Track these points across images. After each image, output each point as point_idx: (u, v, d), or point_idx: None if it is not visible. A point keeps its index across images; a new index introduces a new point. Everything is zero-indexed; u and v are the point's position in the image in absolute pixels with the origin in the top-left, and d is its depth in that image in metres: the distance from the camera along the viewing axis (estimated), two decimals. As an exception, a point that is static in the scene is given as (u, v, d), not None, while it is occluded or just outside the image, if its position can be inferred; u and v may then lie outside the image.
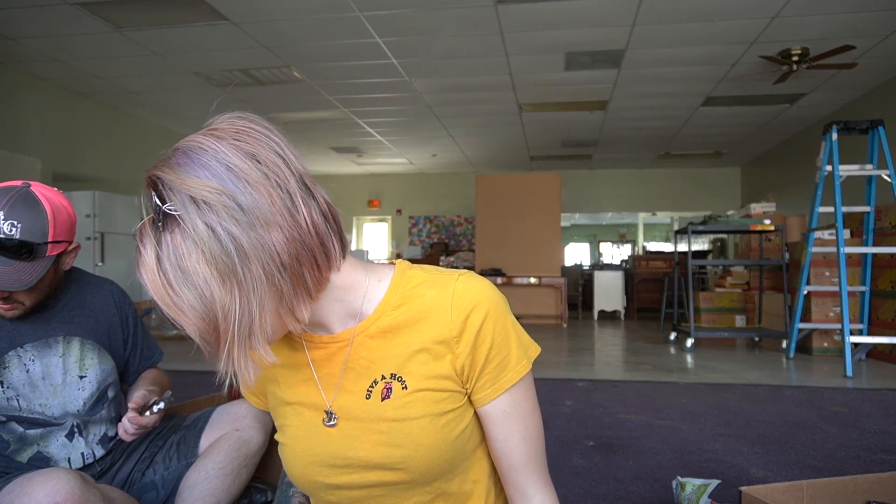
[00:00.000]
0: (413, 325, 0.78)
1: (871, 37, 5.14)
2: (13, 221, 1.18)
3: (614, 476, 2.07)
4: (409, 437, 0.76)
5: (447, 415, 0.77)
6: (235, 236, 0.62)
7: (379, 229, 12.76)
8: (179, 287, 0.62)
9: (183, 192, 0.62)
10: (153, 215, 0.63)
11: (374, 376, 0.78)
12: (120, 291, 1.49)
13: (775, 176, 9.47)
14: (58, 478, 1.01)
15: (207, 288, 0.62)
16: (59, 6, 4.57)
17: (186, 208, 0.61)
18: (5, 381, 1.25)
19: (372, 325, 0.78)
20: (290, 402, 0.83)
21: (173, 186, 0.62)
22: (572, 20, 4.85)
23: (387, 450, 0.76)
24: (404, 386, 0.77)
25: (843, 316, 4.28)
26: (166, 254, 0.62)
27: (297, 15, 4.77)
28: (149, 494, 1.40)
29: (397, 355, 0.78)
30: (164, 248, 0.62)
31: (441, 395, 0.77)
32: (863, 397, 3.46)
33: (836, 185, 4.47)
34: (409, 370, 0.77)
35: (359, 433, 0.77)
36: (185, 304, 0.63)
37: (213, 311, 0.63)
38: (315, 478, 0.80)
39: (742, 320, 6.25)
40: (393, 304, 0.79)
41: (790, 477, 2.06)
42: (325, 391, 0.80)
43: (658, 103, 7.19)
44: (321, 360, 0.80)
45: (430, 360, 0.77)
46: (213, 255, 0.61)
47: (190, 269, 0.62)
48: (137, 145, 7.81)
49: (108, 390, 1.40)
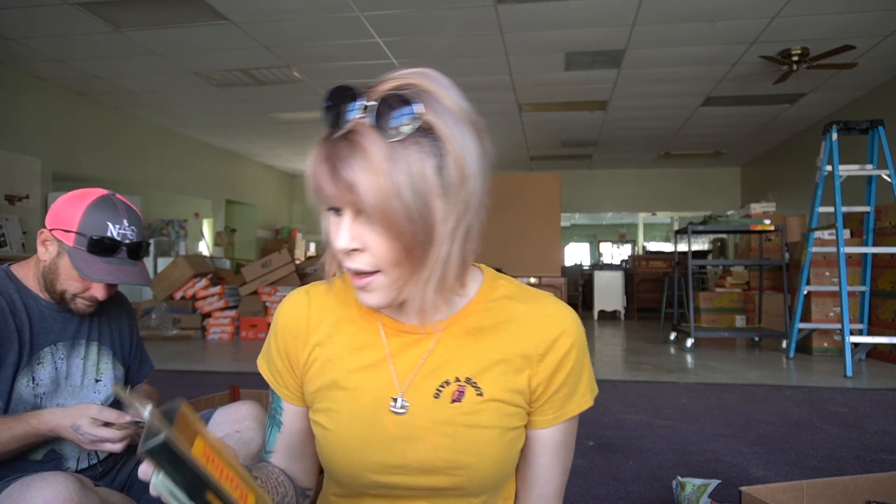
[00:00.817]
0: (498, 334, 0.76)
1: (871, 37, 5.14)
2: (133, 227, 1.30)
3: (614, 476, 2.07)
4: (476, 446, 0.74)
5: (513, 431, 0.76)
6: (472, 162, 0.65)
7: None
8: (406, 191, 0.61)
9: (443, 104, 0.64)
10: (397, 117, 0.62)
11: (446, 376, 0.75)
12: (129, 302, 1.54)
13: (775, 176, 9.46)
14: (56, 483, 1.00)
15: (432, 199, 0.63)
16: (59, 6, 4.57)
17: (442, 118, 0.63)
18: (36, 378, 1.26)
19: (457, 324, 0.76)
20: (345, 386, 0.77)
21: (434, 97, 0.64)
22: (572, 20, 4.85)
23: (449, 454, 0.74)
24: (479, 393, 0.75)
25: (843, 316, 4.28)
26: (403, 157, 0.62)
27: (297, 15, 4.77)
28: (149, 495, 1.40)
29: (477, 360, 0.75)
30: (399, 150, 0.62)
31: (511, 410, 0.76)
32: (863, 397, 3.46)
33: (836, 185, 4.47)
34: (487, 378, 0.75)
35: (420, 432, 0.74)
36: (402, 210, 0.62)
37: (428, 223, 0.63)
38: (360, 472, 0.75)
39: (742, 320, 6.25)
40: (481, 307, 0.77)
41: (790, 477, 2.06)
42: (399, 379, 0.76)
43: (658, 103, 7.18)
44: (397, 348, 0.77)
45: (510, 372, 0.76)
46: (450, 170, 0.63)
47: (425, 175, 0.62)
48: (137, 145, 7.81)
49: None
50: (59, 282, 1.27)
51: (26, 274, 1.31)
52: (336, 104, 0.65)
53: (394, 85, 0.65)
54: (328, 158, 0.63)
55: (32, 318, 1.27)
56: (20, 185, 5.96)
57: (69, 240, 1.24)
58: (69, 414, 1.21)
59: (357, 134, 0.62)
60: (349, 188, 0.61)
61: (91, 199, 1.28)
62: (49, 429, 1.20)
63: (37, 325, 1.28)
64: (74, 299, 1.29)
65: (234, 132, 8.73)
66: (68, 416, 1.21)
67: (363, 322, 0.79)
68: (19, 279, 1.30)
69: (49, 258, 1.27)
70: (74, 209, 1.26)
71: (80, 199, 1.28)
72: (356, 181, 0.61)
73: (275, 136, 8.97)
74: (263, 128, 8.39)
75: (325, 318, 0.81)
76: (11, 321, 1.23)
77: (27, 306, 1.27)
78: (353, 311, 0.80)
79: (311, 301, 0.82)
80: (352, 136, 0.62)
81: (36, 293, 1.30)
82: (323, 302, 0.82)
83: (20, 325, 1.24)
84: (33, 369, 1.26)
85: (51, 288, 1.28)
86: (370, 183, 0.61)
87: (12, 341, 1.22)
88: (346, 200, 0.63)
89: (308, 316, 0.81)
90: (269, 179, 11.53)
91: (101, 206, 1.28)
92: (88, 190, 1.32)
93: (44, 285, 1.29)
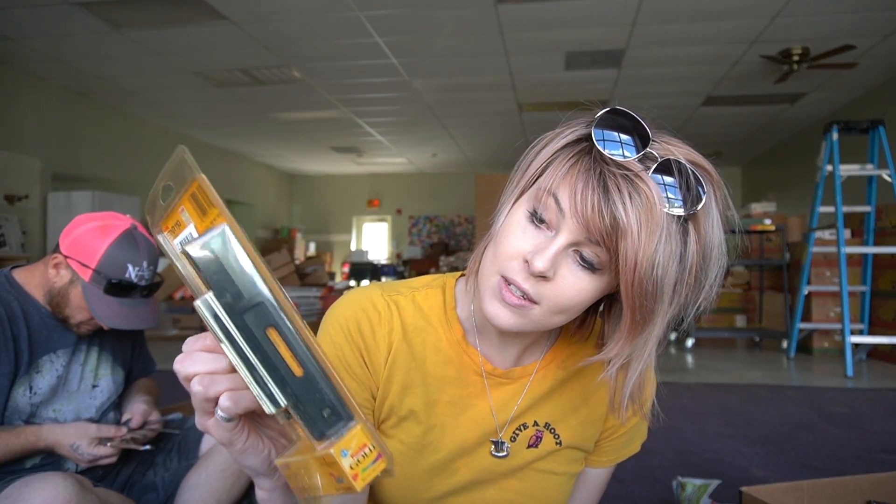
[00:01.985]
0: (580, 378, 0.74)
1: (871, 37, 5.14)
2: (152, 267, 1.29)
3: (614, 476, 2.06)
4: (545, 492, 0.72)
5: (576, 475, 0.76)
6: (701, 268, 0.59)
7: (379, 229, 12.75)
8: (659, 265, 0.55)
9: (716, 186, 0.60)
10: (685, 194, 0.56)
11: (524, 419, 0.72)
12: None
13: (775, 176, 9.46)
14: (55, 484, 1.00)
15: (667, 285, 0.56)
16: (59, 6, 4.56)
17: (708, 212, 0.58)
18: (34, 387, 1.24)
19: (544, 369, 0.73)
20: (428, 420, 0.71)
21: (712, 191, 0.59)
22: (572, 20, 4.84)
23: (516, 497, 0.72)
24: (558, 441, 0.73)
25: (843, 316, 4.27)
26: (667, 228, 0.55)
27: (297, 15, 4.76)
28: (149, 496, 1.40)
29: (557, 405, 0.73)
30: (667, 218, 0.55)
31: (580, 455, 0.75)
32: (863, 397, 3.46)
33: (836, 185, 4.46)
34: (566, 425, 0.73)
35: (488, 476, 0.71)
36: (648, 282, 0.55)
37: (679, 299, 0.57)
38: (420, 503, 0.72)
39: (742, 320, 6.24)
40: (565, 351, 0.74)
41: (790, 477, 2.06)
42: (498, 419, 0.71)
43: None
44: (492, 388, 0.71)
45: (589, 419, 0.74)
46: (688, 265, 0.57)
47: (673, 257, 0.56)
48: (137, 145, 7.81)
49: (116, 399, 1.42)
50: (68, 308, 1.26)
51: (28, 280, 1.28)
52: (625, 129, 0.58)
53: (686, 155, 0.58)
54: (604, 186, 0.54)
55: (32, 326, 1.25)
56: (20, 186, 5.96)
57: (86, 275, 1.22)
58: (69, 433, 1.21)
59: (645, 183, 0.54)
60: (612, 231, 0.54)
61: (114, 235, 1.25)
62: (46, 445, 1.20)
63: (36, 333, 1.25)
64: (79, 325, 1.28)
65: (233, 132, 8.72)
66: (68, 435, 1.20)
67: (450, 352, 0.71)
68: (20, 285, 1.27)
69: (60, 283, 1.24)
70: (96, 244, 1.23)
71: (103, 234, 1.25)
72: (627, 230, 0.53)
73: (274, 136, 8.97)
74: (263, 128, 8.38)
75: (414, 337, 0.71)
76: (8, 330, 1.20)
77: (27, 314, 1.25)
78: (440, 336, 0.72)
79: (392, 311, 0.72)
80: (638, 181, 0.54)
81: (37, 300, 1.27)
82: (409, 318, 0.72)
83: (17, 334, 1.22)
84: (31, 378, 1.24)
85: (57, 309, 1.26)
86: (639, 239, 0.53)
87: (8, 351, 1.19)
88: (592, 234, 0.56)
89: (391, 327, 0.71)
90: (269, 179, 11.53)
91: (123, 246, 1.25)
92: (111, 222, 1.27)
93: (48, 300, 1.26)
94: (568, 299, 0.58)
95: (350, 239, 12.52)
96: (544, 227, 0.59)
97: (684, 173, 0.56)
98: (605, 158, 0.56)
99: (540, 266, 0.56)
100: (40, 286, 1.27)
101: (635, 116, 0.58)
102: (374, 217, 12.58)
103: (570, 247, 0.57)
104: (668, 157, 0.56)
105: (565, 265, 0.58)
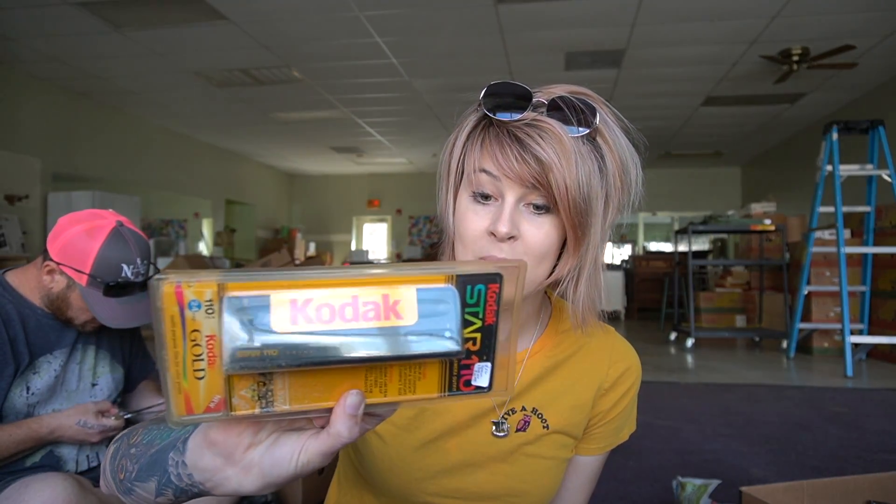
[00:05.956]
0: (568, 367, 0.76)
1: (871, 37, 5.14)
2: (145, 260, 1.28)
3: (614, 476, 2.07)
4: (535, 476, 0.74)
5: (566, 461, 0.77)
6: (629, 173, 0.68)
7: (379, 229, 12.75)
8: (584, 183, 0.62)
9: (609, 117, 0.67)
10: (578, 116, 0.64)
11: (512, 404, 0.74)
12: None
13: (775, 176, 9.46)
14: (54, 484, 1.00)
15: (595, 199, 0.64)
16: (59, 6, 4.56)
17: (609, 127, 0.66)
18: (31, 387, 1.24)
19: (533, 356, 0.75)
20: None
21: (602, 109, 0.66)
22: (572, 20, 4.84)
23: (507, 481, 0.73)
24: (545, 425, 0.75)
25: (843, 316, 4.27)
26: (582, 151, 0.63)
27: (296, 15, 4.76)
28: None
29: (545, 391, 0.75)
30: (579, 144, 0.63)
31: (569, 441, 0.77)
32: (863, 397, 3.46)
33: (836, 185, 4.46)
34: (554, 410, 0.75)
35: (483, 458, 0.73)
36: (581, 201, 0.62)
37: (589, 221, 0.64)
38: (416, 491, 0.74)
39: (742, 320, 6.25)
40: (553, 339, 0.77)
41: (790, 477, 2.06)
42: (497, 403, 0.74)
43: (658, 103, 7.18)
44: None
45: (576, 404, 0.76)
46: (610, 177, 0.65)
47: (594, 174, 0.64)
48: (137, 145, 7.81)
49: (117, 397, 1.42)
50: (71, 311, 1.25)
51: (22, 283, 1.27)
52: (507, 94, 0.64)
53: (566, 90, 0.66)
54: (517, 139, 0.62)
55: (29, 328, 1.24)
56: (20, 185, 5.96)
57: (82, 280, 1.21)
58: (70, 414, 1.21)
59: (545, 122, 0.62)
60: (540, 169, 0.61)
61: (102, 236, 1.23)
62: (50, 431, 1.19)
63: (33, 335, 1.24)
64: (84, 324, 1.28)
65: (233, 132, 8.72)
66: (70, 415, 1.21)
67: None
68: (14, 287, 1.26)
69: (58, 288, 1.23)
70: (86, 248, 1.21)
71: (91, 237, 1.23)
72: (551, 163, 0.60)
73: (274, 136, 8.97)
74: (263, 128, 8.38)
75: None
76: (4, 333, 1.19)
77: (23, 316, 1.24)
78: None
79: None
80: (540, 123, 0.62)
81: (33, 302, 1.26)
82: None
83: (13, 336, 1.21)
84: (28, 379, 1.23)
85: (59, 313, 1.26)
86: (563, 166, 0.61)
87: (5, 354, 1.18)
88: (526, 181, 0.62)
89: None
90: (269, 179, 11.53)
91: (113, 246, 1.23)
92: (95, 222, 1.25)
93: (47, 304, 1.26)
94: (540, 244, 0.64)
95: (350, 239, 12.51)
96: (491, 201, 0.65)
97: (571, 103, 0.63)
98: (505, 121, 0.63)
99: (504, 229, 0.62)
100: (35, 289, 1.26)
101: (510, 82, 0.64)
102: (374, 217, 12.58)
103: (519, 202, 0.64)
104: (552, 96, 0.64)
105: (524, 220, 0.64)
